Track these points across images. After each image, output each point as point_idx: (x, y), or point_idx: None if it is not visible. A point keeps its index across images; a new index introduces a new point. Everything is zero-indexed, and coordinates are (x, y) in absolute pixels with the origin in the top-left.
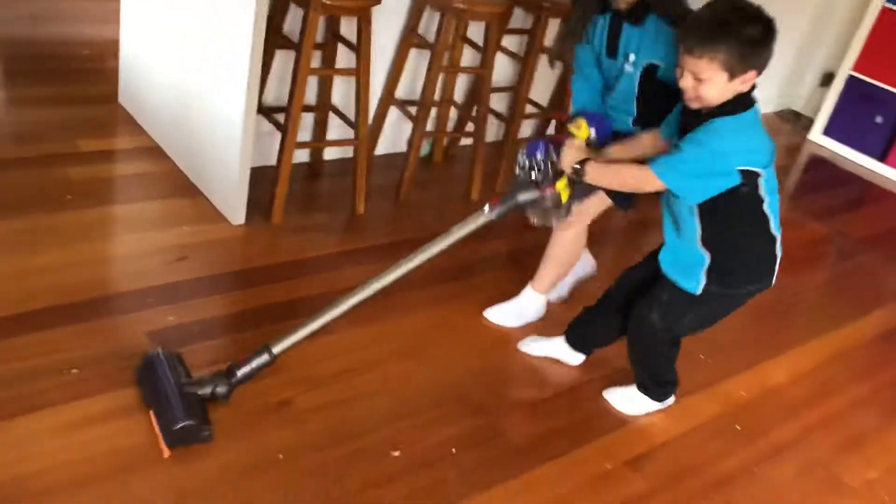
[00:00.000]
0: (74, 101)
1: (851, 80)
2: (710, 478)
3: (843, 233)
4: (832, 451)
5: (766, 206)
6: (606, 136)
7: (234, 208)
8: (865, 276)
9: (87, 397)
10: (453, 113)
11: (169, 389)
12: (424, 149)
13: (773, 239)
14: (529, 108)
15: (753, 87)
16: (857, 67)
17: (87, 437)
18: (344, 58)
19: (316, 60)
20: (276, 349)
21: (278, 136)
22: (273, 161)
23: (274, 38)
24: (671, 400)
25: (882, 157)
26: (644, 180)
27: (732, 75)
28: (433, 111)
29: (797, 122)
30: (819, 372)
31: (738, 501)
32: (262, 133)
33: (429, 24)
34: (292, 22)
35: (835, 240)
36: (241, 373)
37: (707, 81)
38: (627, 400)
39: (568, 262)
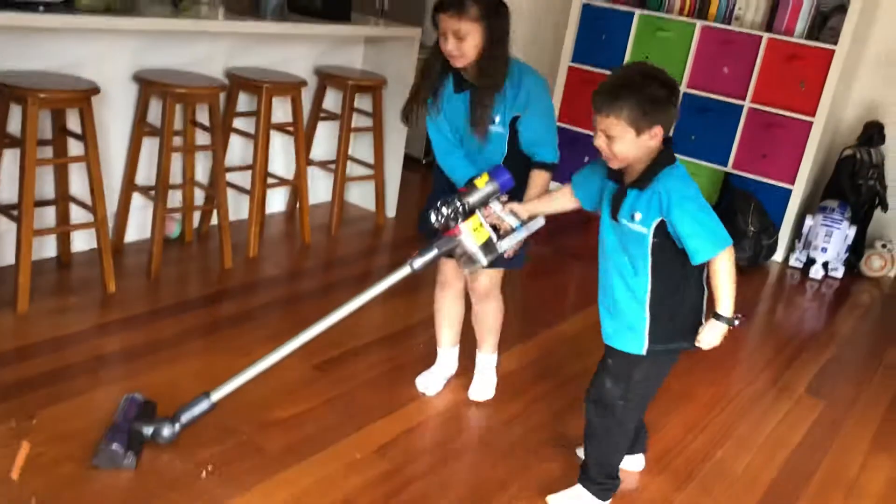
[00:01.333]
0: None
1: (559, 130)
2: (445, 452)
3: None
4: (553, 415)
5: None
6: (508, 184)
7: None
8: (576, 280)
9: None
10: (200, 194)
11: (120, 423)
12: (175, 231)
13: (703, 291)
14: (273, 181)
15: (670, 143)
16: (560, 118)
17: None
18: (77, 150)
19: (48, 155)
20: (215, 397)
21: None
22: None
23: None
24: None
25: None
26: (728, 267)
27: (639, 131)
28: (179, 193)
29: None
30: (543, 358)
31: (470, 463)
32: (2, 232)
33: (158, 112)
34: (17, 121)
35: None
36: (183, 418)
37: (617, 139)
38: (572, 499)
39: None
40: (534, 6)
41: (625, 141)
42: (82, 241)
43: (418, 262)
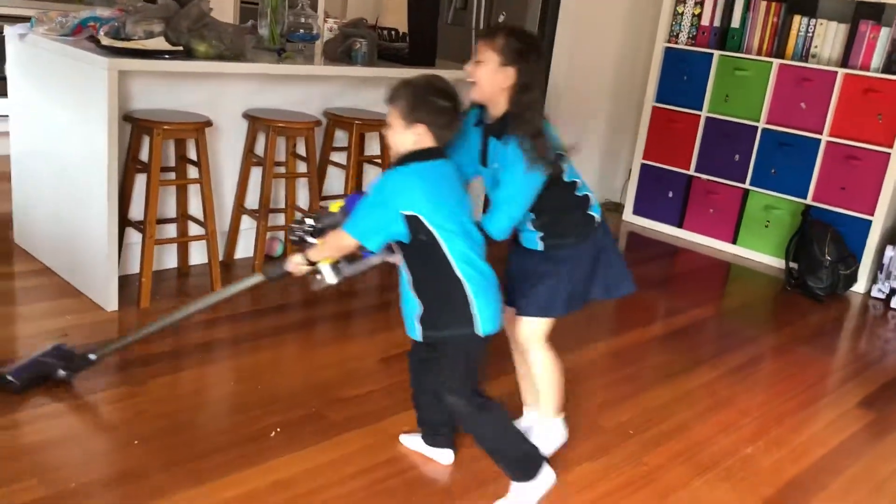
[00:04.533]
0: None
1: (644, 168)
2: None
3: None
4: (595, 409)
5: (446, 250)
6: None
7: (107, 298)
8: (651, 303)
9: None
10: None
11: (36, 356)
12: (278, 250)
13: (459, 281)
14: None
15: (442, 148)
16: (645, 156)
17: None
18: (194, 175)
19: (171, 179)
20: (94, 356)
21: None
22: None
23: (133, 165)
24: (545, 472)
25: (679, 224)
26: (342, 239)
27: (406, 125)
28: (282, 216)
29: (616, 209)
30: (605, 361)
31: None
32: (133, 243)
33: (264, 144)
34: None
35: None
36: (73, 366)
37: (389, 127)
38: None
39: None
40: (620, 50)
41: (395, 131)
42: (199, 255)
43: (271, 272)
